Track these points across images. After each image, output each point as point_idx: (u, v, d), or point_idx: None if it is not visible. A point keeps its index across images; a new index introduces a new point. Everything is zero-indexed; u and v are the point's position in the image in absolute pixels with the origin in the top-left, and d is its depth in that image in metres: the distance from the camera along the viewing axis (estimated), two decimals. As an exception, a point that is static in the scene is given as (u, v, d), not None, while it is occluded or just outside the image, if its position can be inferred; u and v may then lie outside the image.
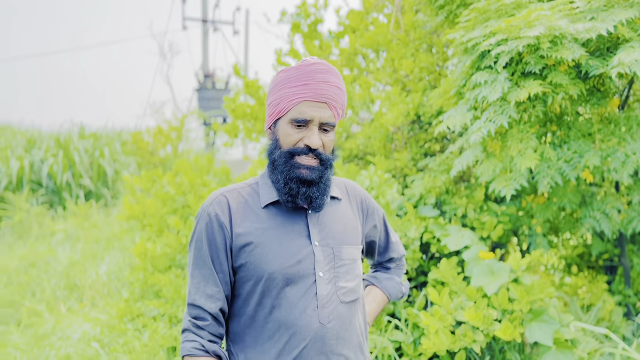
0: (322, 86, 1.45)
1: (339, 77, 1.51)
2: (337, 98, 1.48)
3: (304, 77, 1.46)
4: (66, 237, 9.03)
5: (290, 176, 1.45)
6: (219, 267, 1.48)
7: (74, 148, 12.04)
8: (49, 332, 4.78)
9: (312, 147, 1.45)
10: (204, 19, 13.41)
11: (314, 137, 1.44)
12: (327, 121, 1.46)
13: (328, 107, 1.46)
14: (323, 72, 1.47)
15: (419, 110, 3.77)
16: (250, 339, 1.50)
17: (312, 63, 1.49)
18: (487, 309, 2.71)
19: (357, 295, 1.58)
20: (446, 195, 3.56)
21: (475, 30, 2.90)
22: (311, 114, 1.44)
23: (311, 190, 1.47)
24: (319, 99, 1.44)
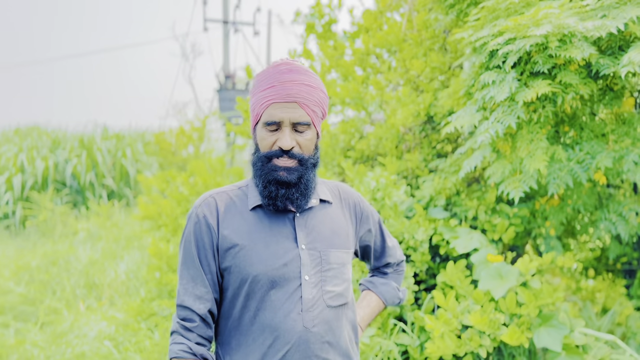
0: (288, 86, 1.42)
1: (309, 75, 1.47)
2: (308, 96, 1.44)
3: (270, 79, 1.45)
4: (88, 236, 9.18)
5: (268, 179, 1.45)
6: (207, 268, 1.48)
7: (97, 148, 12.24)
8: (67, 330, 4.86)
9: (284, 149, 1.42)
10: (225, 20, 13.50)
11: (284, 138, 1.42)
12: (298, 121, 1.43)
13: (298, 106, 1.43)
14: (288, 72, 1.44)
15: (430, 110, 3.73)
16: (236, 342, 1.49)
17: (278, 64, 1.47)
18: (494, 313, 2.67)
19: (345, 300, 1.56)
20: (457, 196, 3.51)
21: (484, 29, 2.85)
22: (280, 115, 1.42)
23: (290, 192, 1.45)
24: (286, 99, 1.42)
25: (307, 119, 1.45)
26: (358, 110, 4.25)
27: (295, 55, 5.25)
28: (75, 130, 14.16)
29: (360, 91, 4.05)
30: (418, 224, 3.27)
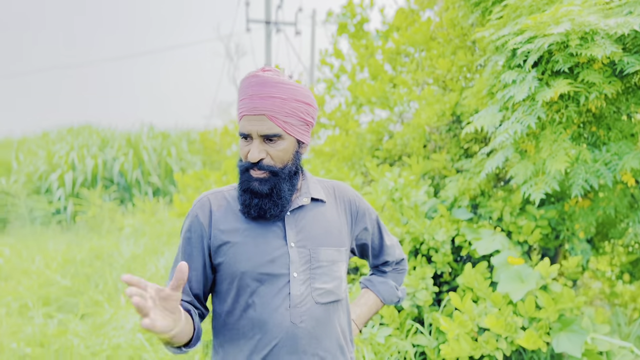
0: (255, 100, 1.45)
1: (279, 87, 1.46)
2: (276, 108, 1.45)
3: (242, 92, 1.48)
4: (133, 231, 9.49)
5: (243, 188, 1.50)
6: (192, 265, 1.54)
7: (144, 147, 12.64)
8: (106, 322, 5.06)
9: (251, 161, 1.46)
10: (267, 20, 13.66)
11: (252, 150, 1.46)
12: (266, 133, 1.45)
13: (267, 118, 1.44)
14: (255, 84, 1.46)
15: (457, 110, 3.69)
16: (229, 334, 1.54)
17: (249, 77, 1.48)
18: (512, 317, 2.62)
19: (336, 297, 1.59)
20: (482, 197, 3.46)
21: (506, 27, 2.81)
22: (249, 128, 1.45)
23: (263, 202, 1.49)
24: (254, 112, 1.44)
25: (277, 130, 1.45)
26: (385, 109, 4.24)
27: (326, 54, 5.29)
28: (123, 129, 14.66)
29: (386, 90, 4.05)
30: (440, 225, 3.25)
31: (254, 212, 1.50)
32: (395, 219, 3.37)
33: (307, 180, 1.66)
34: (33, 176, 12.23)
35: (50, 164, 12.50)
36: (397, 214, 3.35)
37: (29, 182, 12.12)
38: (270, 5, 13.72)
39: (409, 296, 2.94)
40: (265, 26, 13.67)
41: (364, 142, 4.26)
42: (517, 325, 2.62)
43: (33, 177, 12.23)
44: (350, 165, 4.42)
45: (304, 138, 1.54)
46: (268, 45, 13.69)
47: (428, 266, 3.18)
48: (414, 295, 2.94)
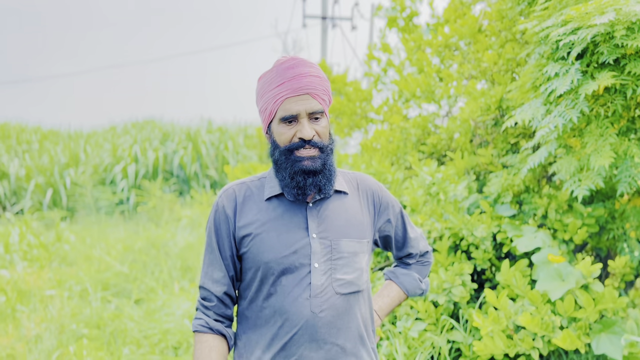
0: (298, 79, 1.50)
1: (313, 67, 1.54)
2: (317, 86, 1.52)
3: (279, 77, 1.52)
4: (189, 222, 9.82)
5: (294, 170, 1.52)
6: (224, 254, 1.60)
7: (202, 141, 13.02)
8: (159, 308, 5.28)
9: (305, 139, 1.50)
10: (324, 16, 13.73)
11: (304, 129, 1.49)
12: (313, 110, 1.50)
13: (310, 97, 1.50)
14: (294, 66, 1.52)
15: (502, 104, 3.61)
16: (251, 322, 1.60)
17: (283, 62, 1.54)
18: (549, 315, 2.56)
19: (357, 288, 1.61)
20: (526, 194, 3.38)
21: (550, 19, 2.72)
22: (296, 108, 1.49)
23: (318, 179, 1.53)
24: (299, 92, 1.49)
25: (320, 107, 1.53)
26: (430, 103, 4.20)
27: (374, 48, 5.28)
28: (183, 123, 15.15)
29: (431, 84, 4.01)
30: (480, 220, 3.20)
31: (310, 191, 1.53)
32: (437, 214, 3.34)
33: None
34: (99, 168, 12.87)
35: (114, 156, 13.10)
36: (438, 209, 3.33)
37: (95, 173, 12.75)
38: (326, 0, 13.78)
39: (445, 292, 2.92)
40: (322, 21, 13.74)
41: (408, 136, 4.24)
42: (555, 324, 2.56)
43: (99, 168, 12.86)
44: (395, 160, 4.41)
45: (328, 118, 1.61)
46: (324, 41, 13.75)
47: (467, 262, 3.15)
48: (450, 291, 2.92)
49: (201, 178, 12.77)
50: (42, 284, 5.85)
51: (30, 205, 12.15)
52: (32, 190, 12.29)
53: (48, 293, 5.48)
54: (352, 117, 4.74)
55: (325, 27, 13.77)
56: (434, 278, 2.97)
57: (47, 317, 4.93)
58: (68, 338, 4.47)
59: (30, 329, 4.56)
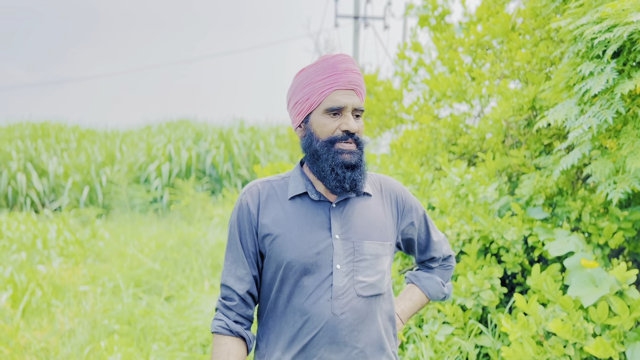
0: (348, 74, 1.52)
1: (356, 65, 1.58)
2: (361, 84, 1.55)
3: (329, 69, 1.52)
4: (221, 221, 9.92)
5: (335, 162, 1.52)
6: (247, 252, 1.60)
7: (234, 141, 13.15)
8: (189, 305, 5.35)
9: (350, 132, 1.51)
10: (356, 15, 13.68)
11: (351, 122, 1.51)
12: (358, 106, 1.53)
13: (355, 93, 1.53)
14: (345, 62, 1.53)
15: (536, 104, 3.52)
16: (272, 322, 1.59)
17: (334, 55, 1.55)
18: (582, 322, 2.48)
19: (379, 291, 1.59)
20: (559, 196, 3.28)
21: (585, 16, 2.64)
22: (344, 101, 1.50)
23: (355, 174, 1.53)
24: (347, 87, 1.51)
25: (362, 105, 1.57)
26: (461, 102, 4.13)
27: (405, 48, 5.23)
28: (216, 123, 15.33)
29: (462, 83, 3.94)
30: (511, 223, 3.12)
31: (347, 186, 1.53)
32: (467, 216, 3.28)
33: None
34: (134, 166, 13.12)
35: (149, 155, 13.34)
36: (468, 211, 3.27)
37: (130, 171, 13.01)
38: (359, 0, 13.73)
39: (473, 295, 2.86)
40: (354, 21, 13.69)
41: (439, 136, 4.18)
42: (587, 331, 2.47)
43: (134, 167, 13.12)
44: (425, 160, 4.35)
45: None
46: (356, 40, 13.71)
47: (497, 266, 3.08)
48: (478, 295, 2.86)
49: (233, 177, 12.90)
50: (76, 279, 6.00)
51: (67, 202, 12.48)
52: (70, 188, 12.62)
53: (82, 289, 5.61)
54: (381, 117, 4.71)
55: (357, 26, 13.73)
56: (462, 281, 2.92)
57: (80, 312, 5.05)
58: (100, 333, 4.56)
59: (64, 324, 4.68)
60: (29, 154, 13.68)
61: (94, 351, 4.14)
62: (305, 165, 1.65)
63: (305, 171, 1.64)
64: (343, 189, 1.53)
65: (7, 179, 12.79)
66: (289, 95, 1.62)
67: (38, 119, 16.49)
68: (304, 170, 1.64)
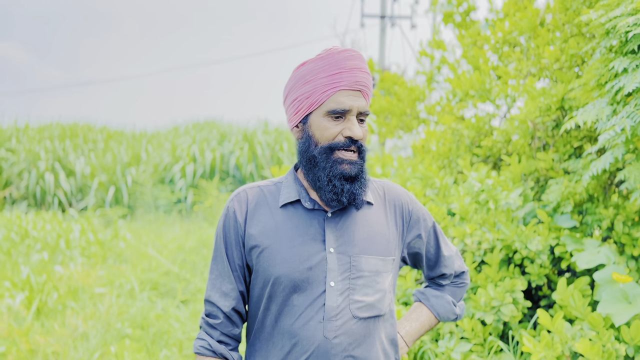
0: (356, 73, 1.35)
1: (365, 63, 1.41)
2: (369, 84, 1.39)
3: (335, 65, 1.35)
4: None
5: (333, 173, 1.36)
6: (233, 265, 1.44)
7: (258, 142, 13.09)
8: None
9: (354, 139, 1.34)
10: (382, 14, 13.48)
11: (355, 127, 1.34)
12: (363, 110, 1.36)
13: (362, 95, 1.37)
14: (353, 58, 1.36)
15: (565, 103, 3.29)
16: (259, 344, 1.44)
17: (342, 50, 1.37)
18: (613, 343, 2.26)
19: (378, 312, 1.42)
20: (590, 203, 3.05)
21: (619, 7, 2.42)
22: (350, 103, 1.34)
23: (354, 187, 1.37)
24: (354, 87, 1.34)
25: (368, 109, 1.39)
26: (485, 102, 3.92)
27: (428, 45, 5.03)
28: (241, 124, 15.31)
29: (485, 82, 3.73)
30: (537, 232, 2.91)
31: (345, 200, 1.37)
32: (489, 223, 3.08)
33: None
34: (159, 167, 13.18)
35: (174, 156, 13.38)
36: (491, 218, 3.06)
37: (155, 172, 13.06)
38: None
39: (494, 310, 2.66)
40: (380, 20, 13.49)
41: (461, 138, 3.97)
42: (619, 353, 2.25)
43: (159, 167, 13.17)
44: (447, 163, 4.15)
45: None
46: (382, 40, 13.50)
47: (520, 278, 2.87)
48: (498, 310, 2.65)
49: (256, 178, 12.83)
50: (93, 281, 5.96)
51: (94, 202, 12.59)
52: (96, 188, 12.73)
53: (98, 291, 5.56)
54: (402, 118, 4.52)
55: (383, 26, 13.51)
56: (481, 294, 2.71)
57: (95, 315, 4.99)
58: (112, 337, 4.49)
59: (77, 326, 4.62)
60: (57, 154, 13.87)
61: (104, 356, 4.06)
62: (300, 171, 1.49)
63: (299, 177, 1.48)
64: (340, 202, 1.37)
65: (35, 179, 12.98)
66: (286, 89, 1.44)
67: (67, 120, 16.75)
68: (298, 176, 1.48)
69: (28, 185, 12.94)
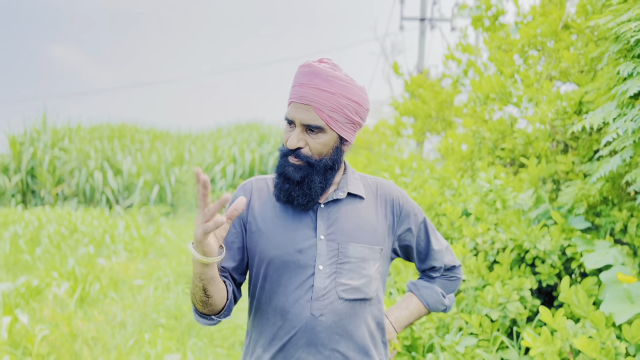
0: (304, 89, 1.46)
1: (330, 81, 1.47)
2: (322, 101, 1.46)
3: (295, 79, 1.51)
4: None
5: (279, 171, 1.51)
6: (234, 245, 1.59)
7: (296, 143, 13.30)
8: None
9: (289, 147, 1.47)
10: (422, 17, 13.47)
11: (291, 137, 1.47)
12: (308, 123, 1.46)
13: (313, 109, 1.45)
14: (308, 74, 1.47)
15: (583, 107, 3.32)
16: (257, 320, 1.60)
17: (303, 65, 1.50)
18: (613, 341, 2.31)
19: (364, 295, 1.55)
20: (603, 205, 3.08)
21: (628, 13, 2.47)
22: (293, 114, 1.47)
23: (293, 189, 1.49)
24: (301, 101, 1.46)
25: (319, 122, 1.46)
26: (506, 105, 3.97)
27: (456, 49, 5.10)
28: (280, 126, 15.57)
29: (506, 85, 3.78)
30: (550, 233, 2.96)
31: (283, 197, 1.52)
32: (505, 224, 3.15)
33: (347, 175, 1.64)
34: (201, 167, 13.58)
35: (215, 156, 13.78)
36: (507, 219, 3.13)
37: (197, 172, 13.49)
38: (425, 2, 13.52)
39: (500, 307, 2.73)
40: (420, 23, 13.49)
41: (483, 140, 4.03)
42: (619, 350, 2.30)
43: (201, 167, 13.58)
44: (469, 165, 4.22)
45: (347, 136, 1.52)
46: (421, 43, 13.50)
47: (531, 277, 2.93)
48: (504, 307, 2.73)
49: (294, 179, 13.07)
50: (133, 274, 6.28)
51: (138, 200, 13.10)
52: (141, 187, 13.24)
53: (136, 283, 5.86)
54: (426, 120, 4.60)
55: (423, 28, 13.50)
56: (489, 291, 2.80)
57: (132, 305, 5.28)
58: (147, 326, 4.76)
59: (115, 315, 4.91)
60: (106, 153, 14.49)
61: (138, 342, 4.32)
62: None
63: None
64: (278, 198, 1.52)
65: (85, 177, 13.60)
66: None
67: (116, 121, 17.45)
68: None
69: (78, 183, 13.58)
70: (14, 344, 4.06)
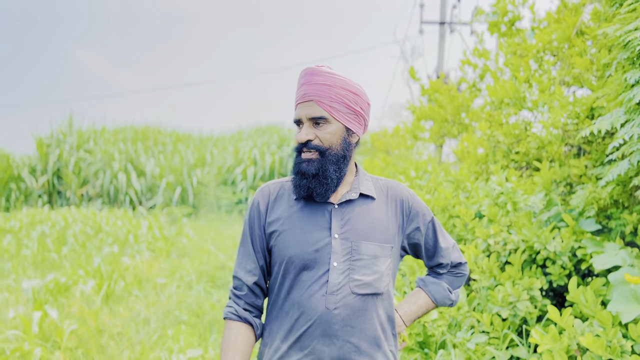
0: (305, 87, 1.61)
1: (325, 75, 1.62)
2: (322, 94, 1.60)
3: (297, 84, 1.66)
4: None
5: (295, 170, 1.65)
6: (256, 247, 1.74)
7: (315, 146, 13.44)
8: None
9: (300, 142, 1.61)
10: (442, 21, 13.51)
11: (301, 132, 1.61)
12: (313, 115, 1.59)
13: (315, 103, 1.60)
14: (306, 74, 1.63)
15: (595, 112, 3.39)
16: (275, 313, 1.73)
17: (304, 70, 1.66)
18: (619, 339, 2.39)
19: (375, 290, 1.66)
20: (614, 208, 3.15)
21: (635, 22, 2.54)
22: (299, 113, 1.62)
23: (310, 182, 1.62)
24: (304, 99, 1.61)
25: (323, 113, 1.60)
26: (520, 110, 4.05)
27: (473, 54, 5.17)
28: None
29: (520, 90, 3.86)
30: (561, 235, 3.04)
31: (302, 192, 1.64)
32: (518, 226, 3.23)
33: (359, 176, 1.76)
34: (222, 169, 13.81)
35: (236, 159, 13.99)
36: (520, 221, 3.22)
37: (219, 174, 13.70)
38: (445, 5, 13.55)
39: (510, 306, 2.82)
40: (439, 27, 13.53)
41: (497, 144, 4.12)
42: (625, 348, 2.38)
43: (222, 169, 13.81)
44: (484, 169, 4.30)
45: (352, 126, 1.65)
46: (441, 46, 13.54)
47: (541, 277, 3.01)
48: (514, 306, 2.82)
49: (313, 181, 13.20)
50: (156, 272, 6.47)
51: (161, 201, 13.37)
52: (164, 188, 13.51)
53: (159, 281, 6.05)
54: (442, 124, 4.70)
55: (443, 32, 13.54)
56: (500, 291, 2.89)
57: (156, 302, 5.46)
58: (170, 322, 4.92)
59: (140, 312, 5.09)
60: (130, 155, 14.80)
61: (161, 338, 4.48)
62: None
63: None
64: (300, 195, 1.65)
65: (109, 178, 13.92)
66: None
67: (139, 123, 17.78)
68: None
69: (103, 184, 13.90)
70: (44, 338, 4.26)
